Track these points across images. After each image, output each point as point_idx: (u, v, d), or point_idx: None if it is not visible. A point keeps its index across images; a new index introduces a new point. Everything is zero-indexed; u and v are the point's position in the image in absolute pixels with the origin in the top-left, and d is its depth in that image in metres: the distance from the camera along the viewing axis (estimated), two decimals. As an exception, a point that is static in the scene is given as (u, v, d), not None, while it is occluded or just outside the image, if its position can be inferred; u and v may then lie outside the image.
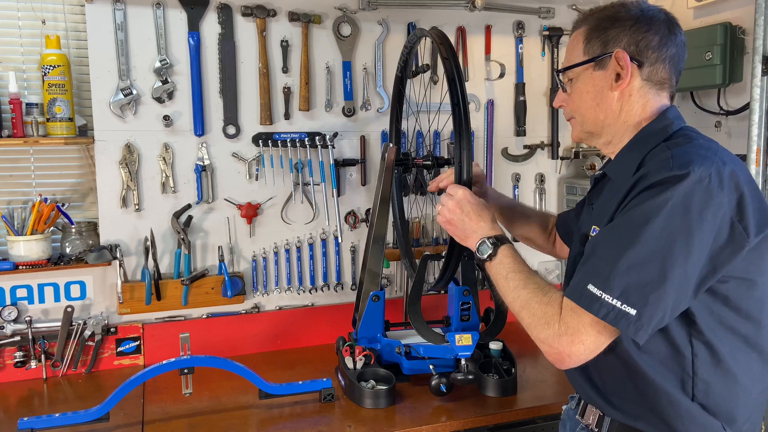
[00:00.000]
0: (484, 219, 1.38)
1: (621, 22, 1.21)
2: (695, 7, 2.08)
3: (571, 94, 1.29)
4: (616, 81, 1.21)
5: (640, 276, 1.02)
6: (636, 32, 1.20)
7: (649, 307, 1.02)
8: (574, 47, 1.28)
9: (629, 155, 1.20)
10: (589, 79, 1.25)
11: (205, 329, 2.21)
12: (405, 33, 2.38)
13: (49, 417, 1.61)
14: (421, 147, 2.44)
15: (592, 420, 1.25)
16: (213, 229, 2.24)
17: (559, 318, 1.09)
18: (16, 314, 2.02)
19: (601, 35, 1.22)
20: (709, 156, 1.06)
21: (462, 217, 1.40)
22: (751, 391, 1.15)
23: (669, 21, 1.24)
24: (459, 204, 1.41)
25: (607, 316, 1.03)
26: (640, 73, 1.21)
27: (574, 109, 1.30)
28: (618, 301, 1.02)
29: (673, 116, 1.22)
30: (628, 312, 1.02)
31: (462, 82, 1.60)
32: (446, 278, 1.83)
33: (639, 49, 1.20)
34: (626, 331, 1.03)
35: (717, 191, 1.03)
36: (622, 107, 1.23)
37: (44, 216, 1.99)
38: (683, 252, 1.01)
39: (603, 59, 1.22)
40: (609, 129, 1.26)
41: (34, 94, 2.05)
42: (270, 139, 2.21)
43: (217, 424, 1.70)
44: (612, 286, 1.03)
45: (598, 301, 1.04)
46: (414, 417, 1.72)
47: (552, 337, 1.10)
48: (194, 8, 2.13)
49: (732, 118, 2.00)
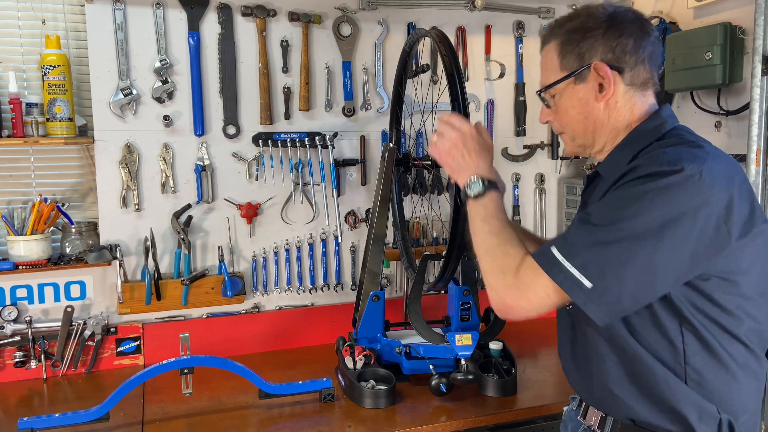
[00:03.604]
0: (483, 159, 1.34)
1: (592, 31, 1.19)
2: (695, 7, 2.08)
3: (556, 110, 1.28)
4: (600, 92, 1.20)
5: (603, 253, 1.04)
6: (609, 39, 1.18)
7: (604, 283, 1.04)
8: (549, 63, 1.26)
9: (621, 153, 1.20)
10: (572, 94, 1.23)
11: (205, 329, 2.21)
12: (405, 33, 2.38)
13: (49, 417, 1.61)
14: (421, 147, 2.44)
15: (594, 421, 1.25)
16: (213, 229, 2.24)
17: (515, 271, 1.12)
18: (16, 314, 2.02)
19: (575, 48, 1.20)
20: (702, 155, 1.06)
21: (462, 150, 1.34)
22: (745, 385, 1.15)
23: (639, 20, 1.22)
24: (463, 137, 1.35)
25: (562, 282, 1.06)
26: (622, 80, 1.19)
27: (563, 124, 1.29)
28: (576, 271, 1.05)
29: (666, 115, 1.22)
30: (583, 282, 1.04)
31: (461, 78, 1.60)
32: (446, 278, 1.83)
33: (616, 56, 1.18)
34: (577, 299, 1.05)
35: (707, 189, 1.02)
36: (610, 115, 1.22)
37: (44, 216, 1.99)
38: (653, 241, 1.02)
39: (582, 72, 1.20)
40: (600, 138, 1.25)
41: (34, 94, 2.05)
42: (270, 139, 2.21)
43: (217, 424, 1.70)
44: (575, 255, 1.06)
45: (557, 265, 1.06)
46: (414, 417, 1.72)
47: (502, 287, 1.14)
48: (194, 8, 2.13)
49: (732, 118, 1.99)
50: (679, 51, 2.00)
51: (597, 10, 1.21)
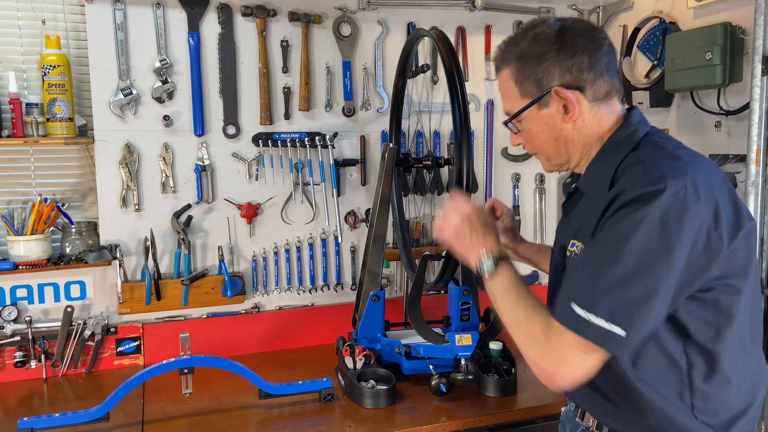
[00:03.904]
0: (489, 235, 1.32)
1: (544, 55, 1.17)
2: (695, 7, 2.08)
3: (525, 135, 1.28)
4: (566, 113, 1.19)
5: (624, 295, 1.01)
6: (564, 61, 1.16)
7: (636, 326, 1.01)
8: (508, 91, 1.25)
9: (599, 168, 1.19)
10: (538, 119, 1.23)
11: (205, 329, 2.21)
12: (405, 33, 2.38)
13: (49, 417, 1.61)
14: (421, 147, 2.44)
15: (592, 423, 1.25)
16: (213, 229, 2.24)
17: (545, 339, 1.08)
18: (16, 314, 2.02)
19: (531, 75, 1.19)
20: (681, 167, 1.06)
21: (468, 232, 1.32)
22: (742, 387, 1.15)
23: (589, 32, 1.19)
24: (468, 219, 1.33)
25: (595, 339, 1.02)
26: (585, 97, 1.18)
27: (535, 147, 1.30)
28: (604, 322, 1.01)
29: (636, 121, 1.21)
30: (615, 332, 1.00)
31: (461, 78, 1.61)
32: (446, 278, 1.83)
33: (574, 76, 1.17)
34: (615, 351, 1.02)
35: (693, 202, 1.02)
36: (580, 132, 1.21)
37: (44, 216, 1.99)
38: (665, 267, 1.01)
39: (543, 98, 1.19)
40: (574, 155, 1.25)
41: (34, 94, 2.05)
42: (270, 139, 2.21)
43: (217, 424, 1.70)
44: (597, 306, 1.02)
45: (582, 322, 1.02)
46: (414, 417, 1.72)
47: (539, 358, 1.09)
48: (194, 8, 2.13)
49: (732, 118, 1.99)
50: (679, 51, 2.00)
51: (544, 31, 1.18)
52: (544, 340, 1.08)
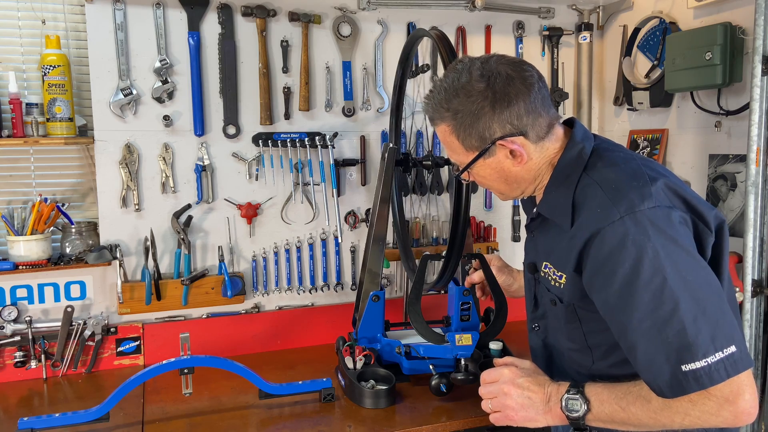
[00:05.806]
0: (544, 380, 1.20)
1: (480, 111, 1.15)
2: (695, 7, 2.08)
3: (476, 178, 1.29)
4: (514, 158, 1.20)
5: (702, 320, 1.01)
6: (501, 114, 1.15)
7: (735, 338, 1.01)
8: (451, 144, 1.24)
9: (557, 193, 1.21)
10: (485, 166, 1.23)
11: (205, 329, 2.21)
12: (405, 33, 2.38)
13: (49, 417, 1.61)
14: (421, 147, 2.44)
15: None
16: (213, 229, 2.24)
17: (691, 404, 1.02)
18: (16, 314, 2.02)
19: (472, 132, 1.18)
20: (638, 179, 1.09)
21: (522, 394, 1.19)
22: None
23: (516, 72, 1.16)
24: (512, 382, 1.20)
25: (726, 372, 0.99)
26: (529, 140, 1.19)
27: (487, 186, 1.31)
28: (717, 352, 0.99)
29: (580, 137, 1.22)
30: (731, 351, 0.99)
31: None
32: (446, 278, 1.83)
33: (515, 125, 1.16)
34: (744, 366, 1.00)
35: (667, 206, 1.06)
36: (529, 169, 1.23)
37: (44, 216, 1.99)
38: (702, 271, 1.05)
39: (489, 149, 1.19)
40: (528, 187, 1.27)
41: (34, 94, 2.05)
42: (270, 139, 2.21)
43: (217, 424, 1.70)
44: (698, 348, 0.99)
45: (706, 371, 0.99)
46: (414, 417, 1.72)
47: (708, 416, 1.02)
48: (194, 8, 2.13)
49: (732, 118, 2.00)
50: (679, 51, 2.00)
51: (473, 85, 1.15)
52: (691, 407, 1.02)
